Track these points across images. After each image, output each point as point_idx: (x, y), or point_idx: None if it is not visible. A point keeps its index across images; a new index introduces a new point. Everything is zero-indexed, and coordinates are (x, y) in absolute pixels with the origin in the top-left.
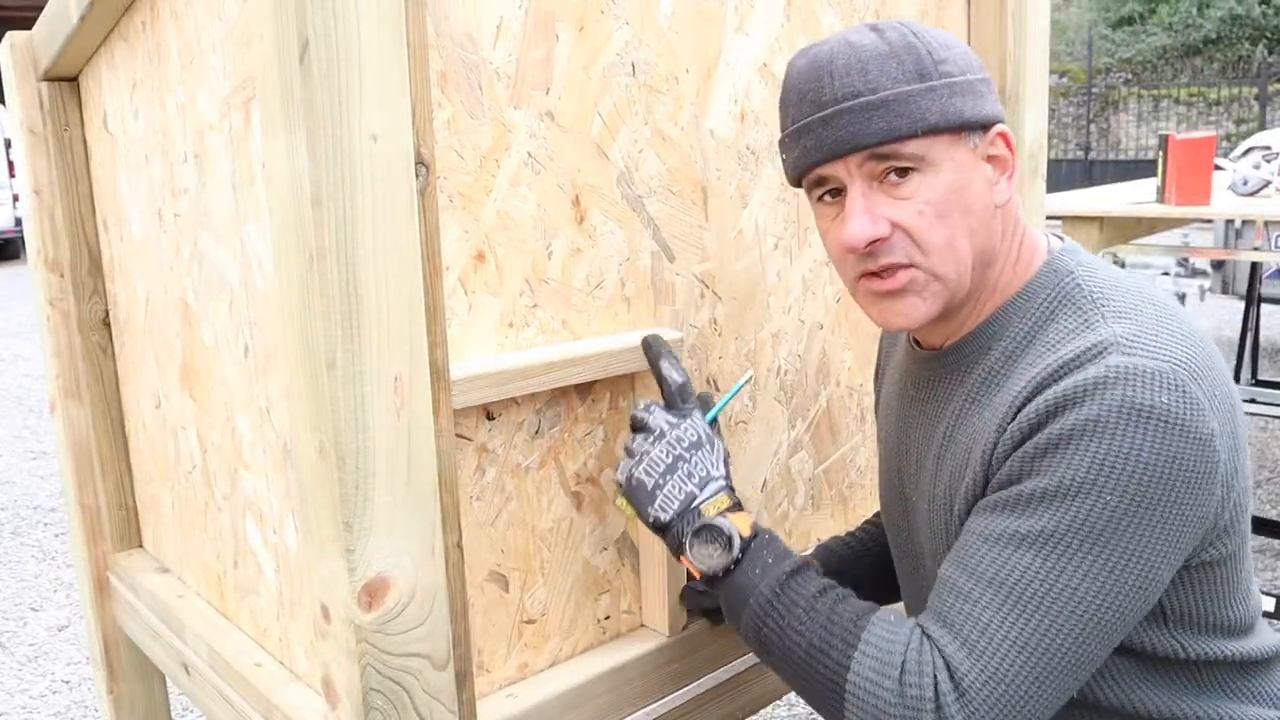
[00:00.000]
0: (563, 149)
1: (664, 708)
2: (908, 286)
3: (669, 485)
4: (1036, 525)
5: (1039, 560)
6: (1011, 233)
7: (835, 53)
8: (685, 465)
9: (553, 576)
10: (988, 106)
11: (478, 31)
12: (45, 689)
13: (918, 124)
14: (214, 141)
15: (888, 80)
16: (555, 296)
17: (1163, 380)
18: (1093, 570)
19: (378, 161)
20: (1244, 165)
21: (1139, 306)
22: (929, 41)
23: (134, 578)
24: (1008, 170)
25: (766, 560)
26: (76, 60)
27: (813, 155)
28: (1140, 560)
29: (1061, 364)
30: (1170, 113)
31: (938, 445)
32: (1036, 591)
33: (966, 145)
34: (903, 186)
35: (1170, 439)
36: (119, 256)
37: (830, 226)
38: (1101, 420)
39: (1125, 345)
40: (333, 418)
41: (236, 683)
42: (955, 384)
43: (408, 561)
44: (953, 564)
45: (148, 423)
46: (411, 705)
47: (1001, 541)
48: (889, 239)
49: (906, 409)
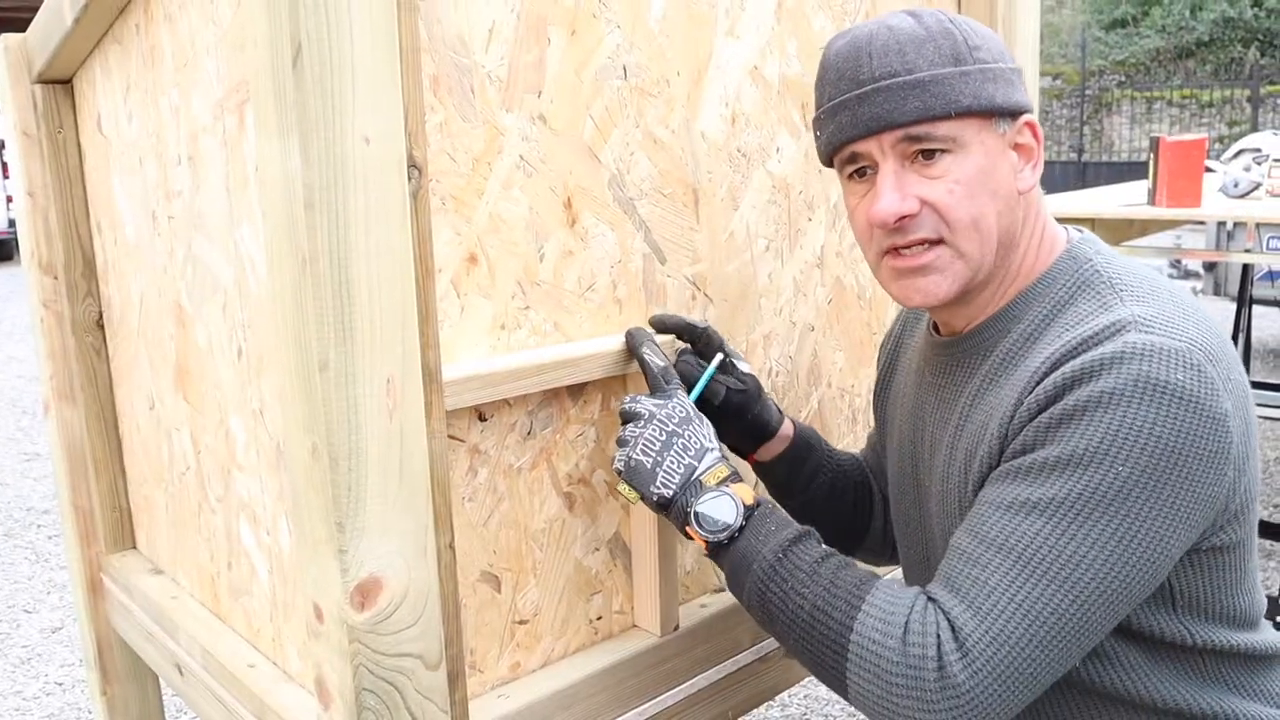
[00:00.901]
0: (555, 152)
1: (656, 708)
2: (932, 264)
3: (667, 461)
4: (1048, 493)
5: (1048, 527)
6: (1033, 220)
7: (874, 34)
8: (679, 440)
9: (545, 577)
10: (1018, 95)
11: (470, 35)
12: (39, 690)
13: (951, 105)
14: (208, 144)
15: (924, 62)
16: (547, 298)
17: (1179, 358)
18: (1101, 538)
19: (370, 164)
20: (1234, 167)
21: (1156, 292)
22: (965, 29)
23: (127, 579)
24: (1033, 159)
25: (769, 527)
26: (70, 63)
27: (847, 131)
28: (1149, 532)
29: (1080, 340)
30: (1163, 115)
31: (954, 426)
32: (1044, 557)
33: (996, 131)
34: (933, 166)
35: (1185, 415)
36: (112, 259)
37: (859, 203)
38: (1117, 392)
39: (1143, 324)
40: (325, 419)
41: (229, 683)
42: (973, 367)
43: (400, 562)
44: (964, 531)
45: (141, 424)
46: (404, 705)
47: (1013, 509)
48: (917, 215)
49: (924, 395)
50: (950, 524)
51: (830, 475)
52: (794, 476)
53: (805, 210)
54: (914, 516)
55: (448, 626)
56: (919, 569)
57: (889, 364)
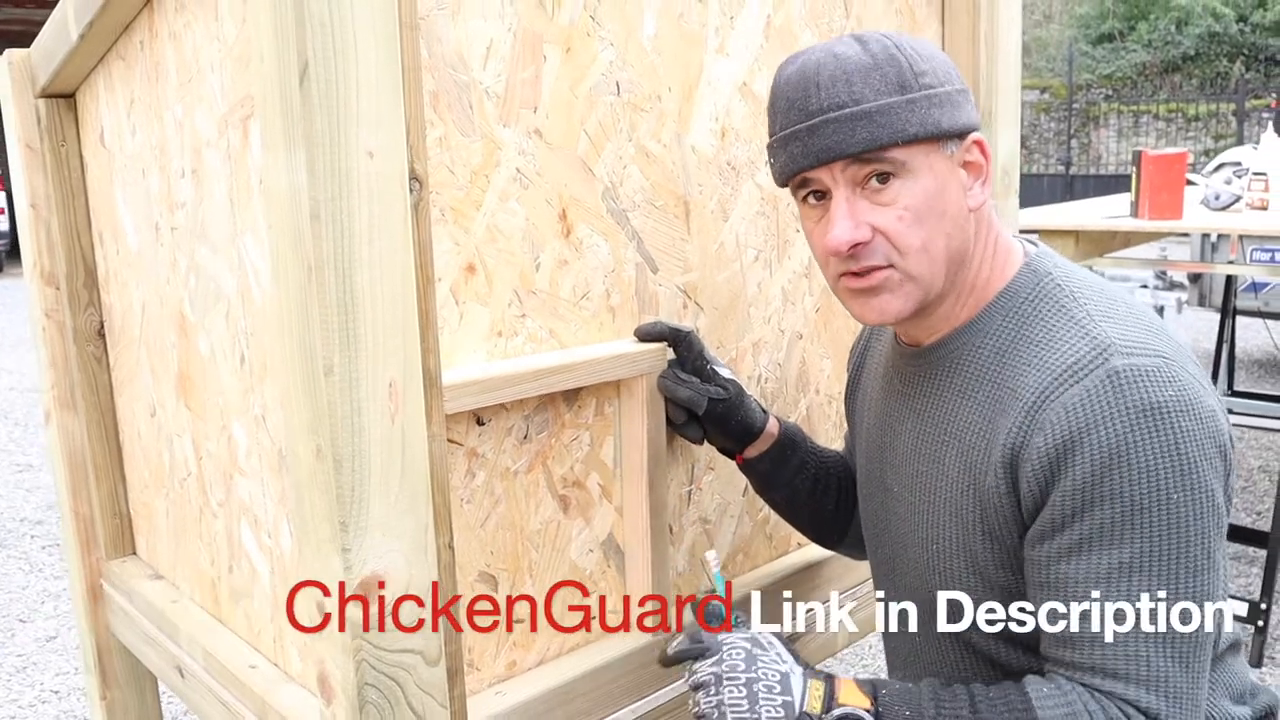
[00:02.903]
0: (550, 165)
1: (648, 705)
2: (883, 284)
3: (764, 711)
4: (1123, 556)
5: (1141, 582)
6: (985, 235)
7: (821, 64)
8: (759, 684)
9: (540, 577)
10: (963, 116)
11: (468, 53)
12: (34, 699)
13: (898, 134)
14: (211, 157)
15: (871, 92)
16: (543, 307)
17: (1160, 375)
18: (1185, 572)
19: (374, 178)
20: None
21: (1115, 305)
22: (910, 53)
23: (128, 584)
24: (981, 175)
25: (905, 713)
26: (74, 78)
27: (799, 162)
28: (1216, 530)
29: (1065, 369)
30: (1150, 128)
31: (933, 437)
32: (1156, 617)
33: (944, 153)
34: (884, 192)
35: (1185, 424)
36: (114, 269)
37: (815, 228)
38: (1124, 439)
39: (1120, 349)
40: (330, 422)
41: (231, 684)
42: (944, 379)
43: (401, 560)
44: (1064, 612)
45: (142, 431)
46: (405, 700)
47: (1099, 580)
48: (870, 243)
49: (892, 403)
50: (930, 530)
51: (814, 471)
52: (778, 471)
53: (793, 222)
54: (881, 517)
55: (447, 624)
56: (885, 569)
57: (857, 368)
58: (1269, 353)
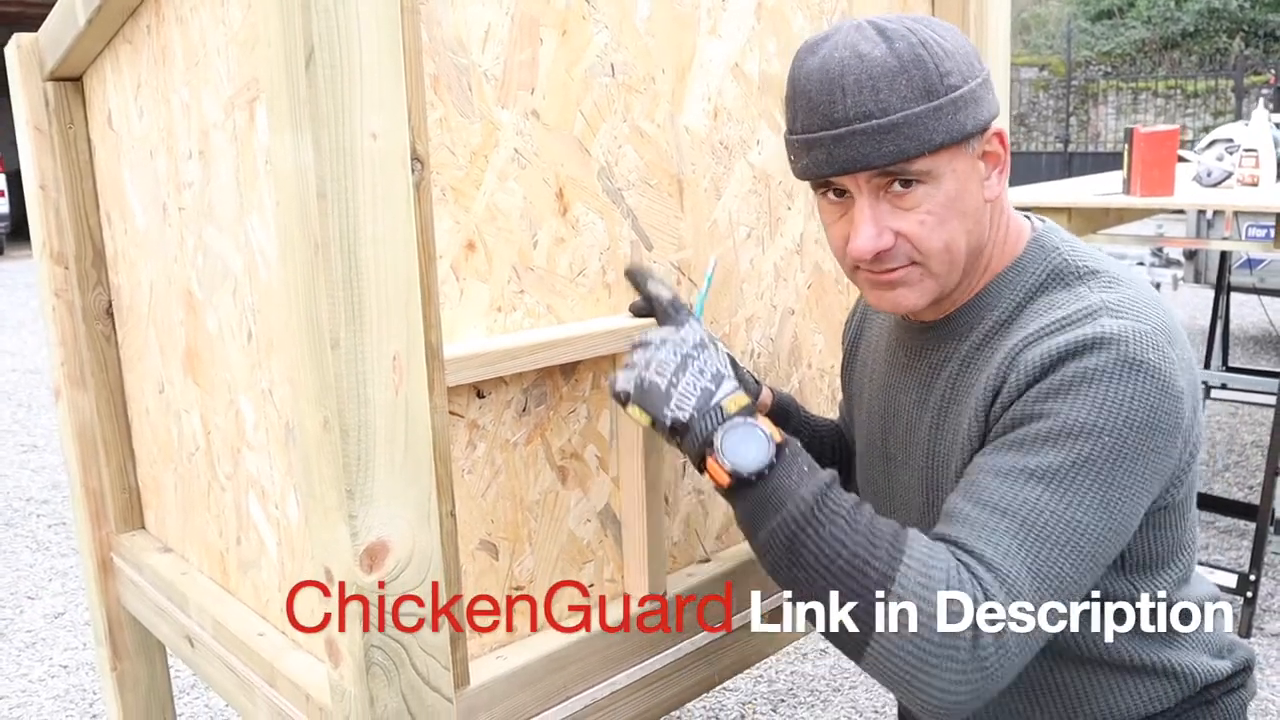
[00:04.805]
0: (547, 145)
1: (644, 670)
2: (903, 280)
3: (682, 383)
4: (1044, 462)
5: (1047, 494)
6: (999, 218)
7: (846, 65)
8: (695, 363)
9: (540, 546)
10: (985, 111)
11: (467, 36)
12: (44, 673)
13: (925, 145)
14: (218, 139)
15: (898, 100)
16: (541, 283)
17: (1148, 339)
18: (1094, 505)
19: (377, 158)
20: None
21: (1118, 279)
22: (935, 49)
23: (137, 557)
24: (999, 165)
25: (803, 468)
26: (81, 61)
27: (824, 169)
28: (1128, 498)
29: (1055, 322)
30: (1148, 105)
31: (935, 407)
32: (1048, 523)
33: (966, 151)
34: (907, 197)
35: (1154, 392)
36: (122, 248)
37: (834, 224)
38: (1102, 369)
39: (1114, 309)
40: (336, 394)
41: (240, 651)
42: (950, 350)
43: (405, 527)
44: (965, 499)
45: (150, 408)
46: (409, 662)
47: (1012, 476)
48: (892, 248)
49: (896, 375)
50: (935, 499)
51: (807, 439)
52: None
53: (785, 199)
54: (882, 487)
55: (449, 589)
56: None
57: (853, 341)
58: (1264, 328)
